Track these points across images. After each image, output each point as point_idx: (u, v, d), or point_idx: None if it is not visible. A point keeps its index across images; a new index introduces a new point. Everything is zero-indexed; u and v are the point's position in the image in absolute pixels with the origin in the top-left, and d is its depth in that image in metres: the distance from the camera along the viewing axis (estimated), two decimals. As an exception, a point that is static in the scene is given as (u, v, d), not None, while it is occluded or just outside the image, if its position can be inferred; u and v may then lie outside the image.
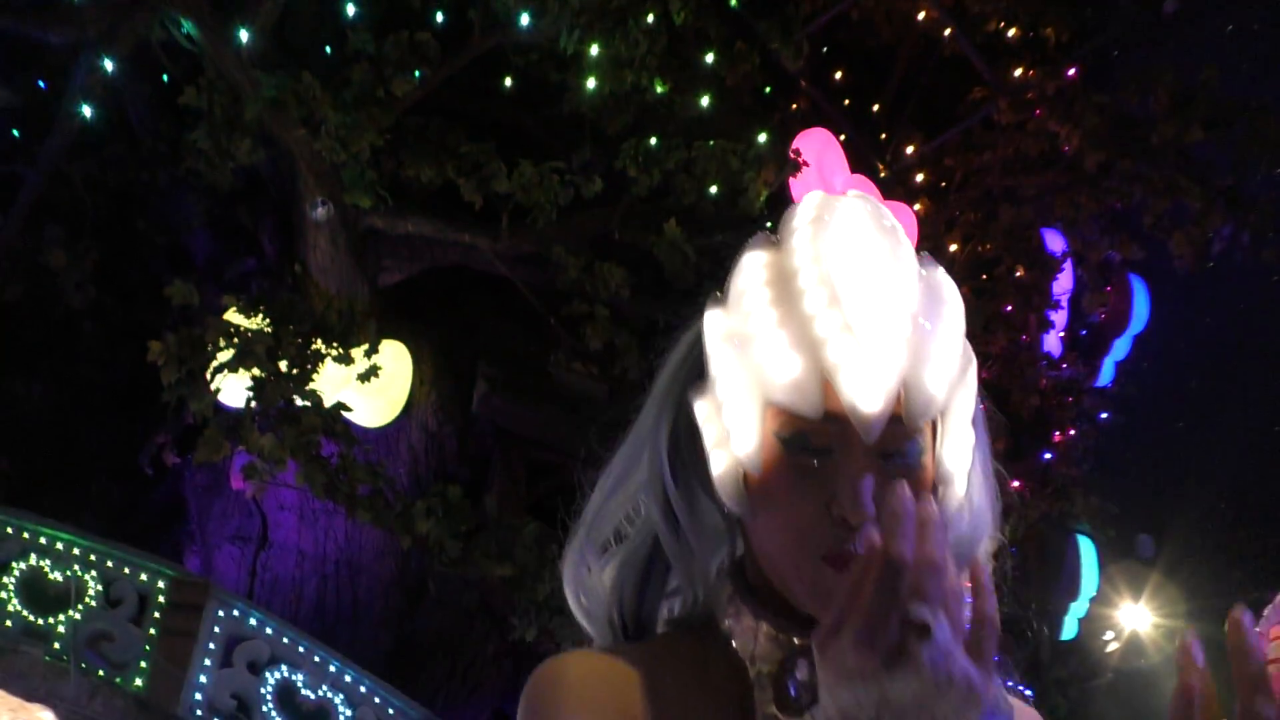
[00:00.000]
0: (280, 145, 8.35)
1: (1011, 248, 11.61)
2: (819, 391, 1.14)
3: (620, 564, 1.34)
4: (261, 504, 9.16)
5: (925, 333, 1.17)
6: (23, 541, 6.49)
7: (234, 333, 7.36)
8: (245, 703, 6.52)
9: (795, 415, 1.15)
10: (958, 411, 1.21)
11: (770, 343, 1.17)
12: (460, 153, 8.05)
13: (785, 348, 1.16)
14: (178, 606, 6.55)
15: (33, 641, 6.21)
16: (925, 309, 1.19)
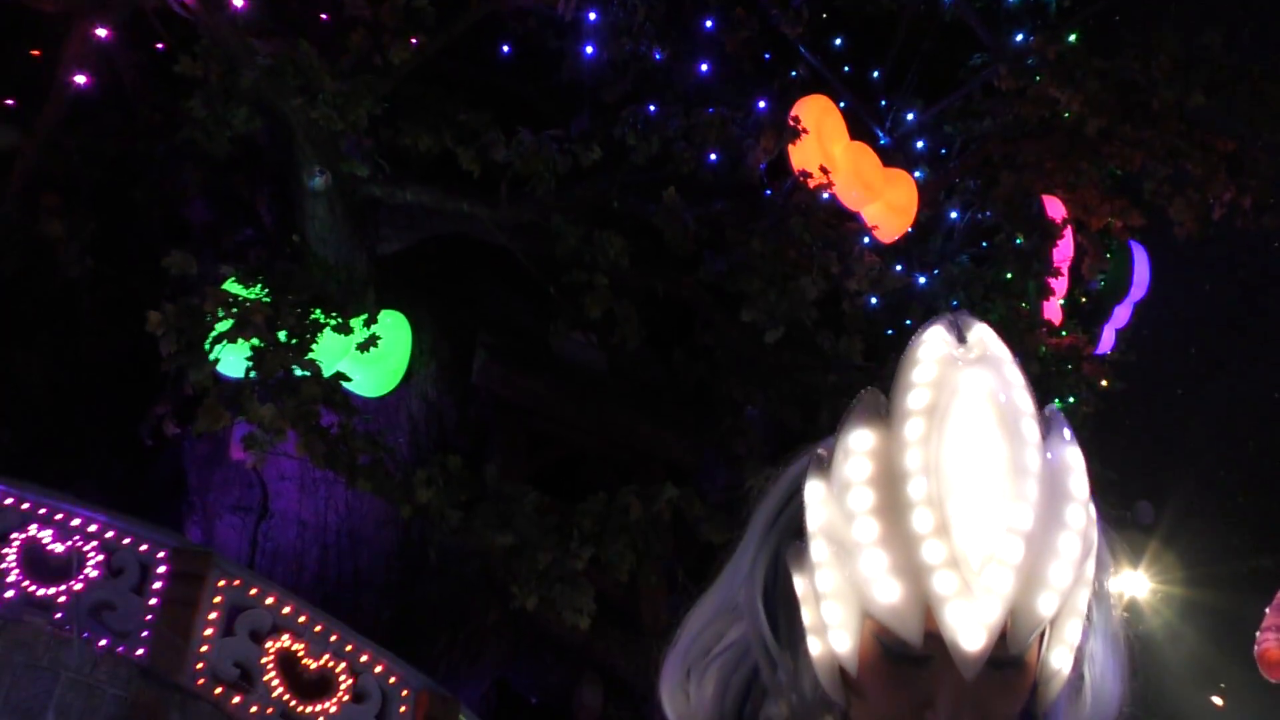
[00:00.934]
0: (277, 114, 8.31)
1: (1011, 215, 11.56)
2: (920, 619, 1.11)
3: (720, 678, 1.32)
4: (262, 474, 9.17)
5: (1040, 551, 1.11)
6: (23, 512, 6.51)
7: (232, 303, 7.34)
8: (248, 671, 6.55)
9: (894, 638, 1.13)
10: (1069, 612, 1.16)
11: (873, 562, 1.12)
12: (458, 121, 8.01)
13: (886, 571, 1.12)
14: (179, 576, 6.57)
15: (35, 611, 6.24)
16: (1044, 515, 1.12)
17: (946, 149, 11.96)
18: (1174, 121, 10.43)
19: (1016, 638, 1.11)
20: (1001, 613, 1.08)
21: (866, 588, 1.13)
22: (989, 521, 1.09)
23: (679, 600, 2.75)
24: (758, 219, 8.21)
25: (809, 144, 8.60)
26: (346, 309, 7.86)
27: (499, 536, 7.46)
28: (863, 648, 1.16)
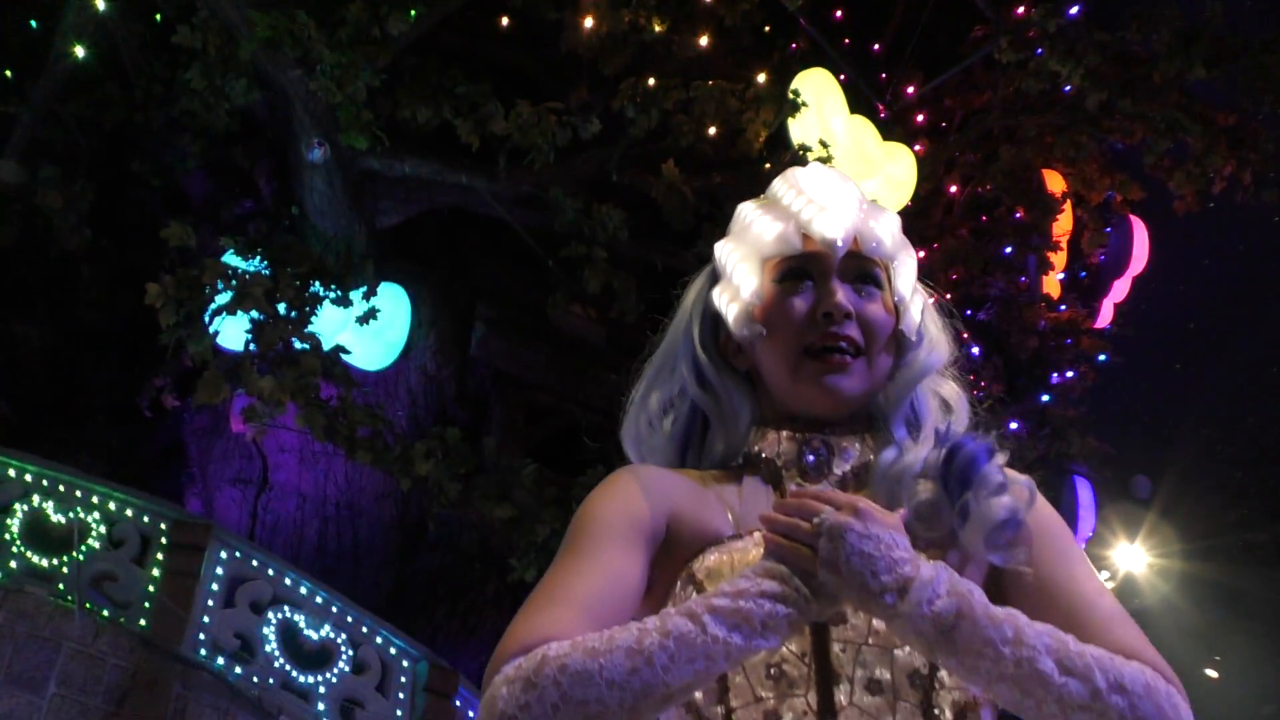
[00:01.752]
0: (275, 86, 8.28)
1: (1011, 189, 11.54)
2: (798, 236, 1.62)
3: (671, 424, 1.71)
4: (261, 446, 9.19)
5: (870, 211, 1.67)
6: (25, 483, 6.53)
7: (232, 275, 7.34)
8: (248, 642, 6.59)
9: (783, 259, 1.62)
10: (904, 268, 1.67)
11: (761, 222, 1.66)
12: (457, 93, 7.98)
13: (771, 220, 1.65)
14: (180, 547, 6.60)
15: (37, 582, 6.27)
16: (870, 206, 1.70)
17: (946, 123, 11.93)
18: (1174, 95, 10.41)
19: (865, 245, 1.62)
20: (851, 223, 1.62)
21: (758, 241, 1.65)
22: (834, 189, 1.67)
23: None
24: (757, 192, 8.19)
25: (808, 117, 8.58)
26: (345, 282, 7.86)
27: (498, 509, 7.49)
28: (765, 291, 1.61)
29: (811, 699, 1.37)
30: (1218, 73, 9.91)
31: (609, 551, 1.46)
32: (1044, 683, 1.29)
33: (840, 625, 1.40)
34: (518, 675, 1.30)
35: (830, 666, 1.39)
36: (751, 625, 1.30)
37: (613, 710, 1.27)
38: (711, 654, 1.29)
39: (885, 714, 1.36)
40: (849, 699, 1.37)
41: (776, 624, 1.31)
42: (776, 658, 1.39)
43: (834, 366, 1.55)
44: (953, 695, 1.38)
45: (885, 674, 1.38)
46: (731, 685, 1.40)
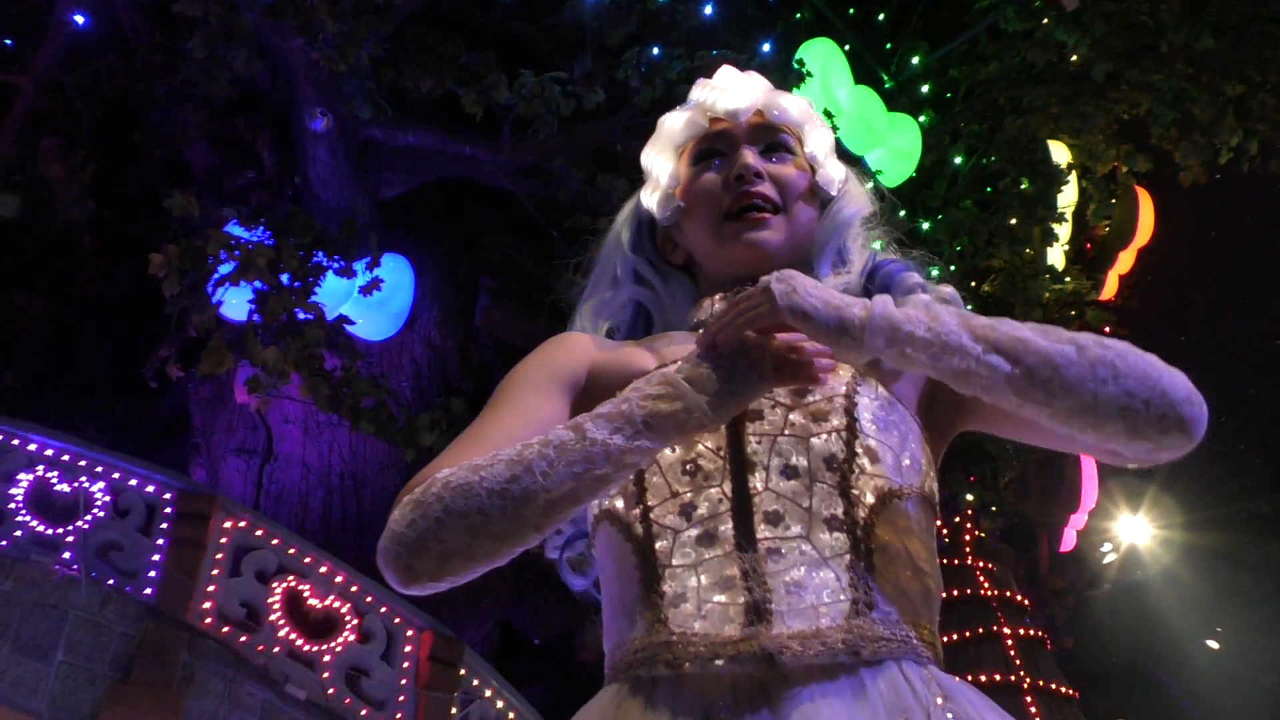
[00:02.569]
0: (277, 55, 8.24)
1: (1016, 160, 11.49)
2: (704, 118, 1.72)
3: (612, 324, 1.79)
4: (266, 417, 9.21)
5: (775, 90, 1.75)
6: (30, 454, 6.55)
7: (235, 245, 7.33)
8: (254, 611, 6.62)
9: (694, 141, 1.72)
10: (814, 134, 1.74)
11: (673, 118, 1.76)
12: (460, 63, 7.94)
13: (681, 112, 1.76)
14: (186, 516, 6.62)
15: (44, 551, 6.29)
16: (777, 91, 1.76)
17: (951, 93, 11.87)
18: (1181, 65, 10.35)
19: (769, 113, 1.70)
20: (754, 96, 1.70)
21: (671, 133, 1.75)
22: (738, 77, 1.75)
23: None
24: (761, 163, 8.16)
25: (813, 87, 8.54)
26: (349, 252, 7.85)
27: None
28: (683, 176, 1.72)
29: (727, 488, 1.38)
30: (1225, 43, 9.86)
31: (525, 399, 1.50)
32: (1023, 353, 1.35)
33: (756, 421, 1.42)
34: (410, 499, 1.36)
35: (745, 457, 1.40)
36: (633, 425, 1.33)
37: (494, 517, 1.30)
38: (590, 456, 1.31)
39: (802, 496, 1.37)
40: (764, 484, 1.38)
41: (660, 423, 1.33)
42: (692, 454, 1.41)
43: (753, 223, 1.61)
44: (874, 481, 1.39)
45: (802, 460, 1.38)
46: (649, 485, 1.42)
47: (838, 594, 1.31)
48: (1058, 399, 1.33)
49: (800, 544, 1.33)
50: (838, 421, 1.40)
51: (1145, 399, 1.35)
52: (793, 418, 1.41)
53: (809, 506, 1.36)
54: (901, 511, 1.39)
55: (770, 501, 1.36)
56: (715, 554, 1.35)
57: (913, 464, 1.43)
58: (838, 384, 1.43)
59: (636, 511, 1.41)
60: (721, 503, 1.38)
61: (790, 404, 1.42)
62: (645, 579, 1.37)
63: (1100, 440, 1.37)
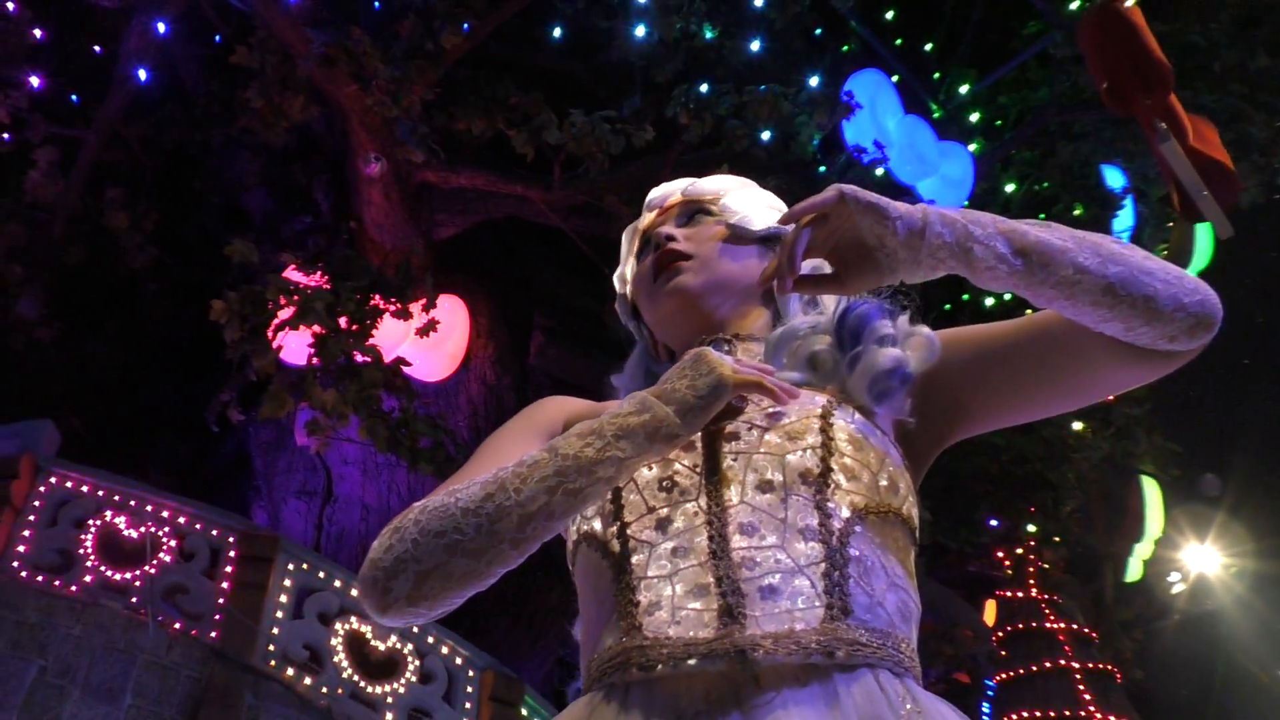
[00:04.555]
0: (332, 102, 8.39)
1: (1069, 185, 11.39)
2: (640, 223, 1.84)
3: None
4: (325, 459, 9.30)
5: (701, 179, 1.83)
6: (98, 499, 6.67)
7: (294, 290, 7.44)
8: (317, 652, 6.67)
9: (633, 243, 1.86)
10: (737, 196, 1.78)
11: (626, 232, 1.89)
12: (510, 104, 8.04)
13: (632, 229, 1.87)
14: (249, 559, 6.69)
15: (112, 595, 6.39)
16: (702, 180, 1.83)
17: (1002, 120, 11.81)
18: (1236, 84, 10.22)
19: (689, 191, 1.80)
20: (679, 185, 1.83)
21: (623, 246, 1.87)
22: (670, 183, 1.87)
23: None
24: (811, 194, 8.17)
25: (863, 119, 8.55)
26: (405, 294, 7.94)
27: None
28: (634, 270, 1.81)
29: (702, 502, 1.39)
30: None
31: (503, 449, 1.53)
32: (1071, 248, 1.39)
33: (732, 441, 1.43)
34: (388, 528, 1.39)
35: (721, 473, 1.41)
36: (603, 438, 1.36)
37: (469, 534, 1.32)
38: (562, 470, 1.34)
39: (777, 508, 1.36)
40: (740, 497, 1.38)
41: (629, 433, 1.36)
42: (669, 471, 1.42)
43: (670, 272, 1.67)
44: (850, 497, 1.37)
45: (777, 475, 1.39)
46: (626, 503, 1.43)
47: (813, 600, 1.29)
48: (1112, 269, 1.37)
49: (775, 553, 1.33)
50: (813, 440, 1.41)
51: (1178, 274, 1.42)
52: (769, 438, 1.42)
53: (784, 518, 1.35)
54: (877, 528, 1.38)
55: (745, 514, 1.36)
56: (690, 564, 1.34)
57: (890, 486, 1.42)
58: (813, 406, 1.44)
59: (614, 529, 1.42)
60: (697, 516, 1.38)
61: (766, 426, 1.43)
62: (620, 591, 1.37)
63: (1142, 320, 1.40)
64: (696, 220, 1.75)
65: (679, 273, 1.66)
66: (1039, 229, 1.38)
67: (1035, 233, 1.37)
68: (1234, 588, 14.65)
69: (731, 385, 1.40)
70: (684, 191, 1.80)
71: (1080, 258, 1.36)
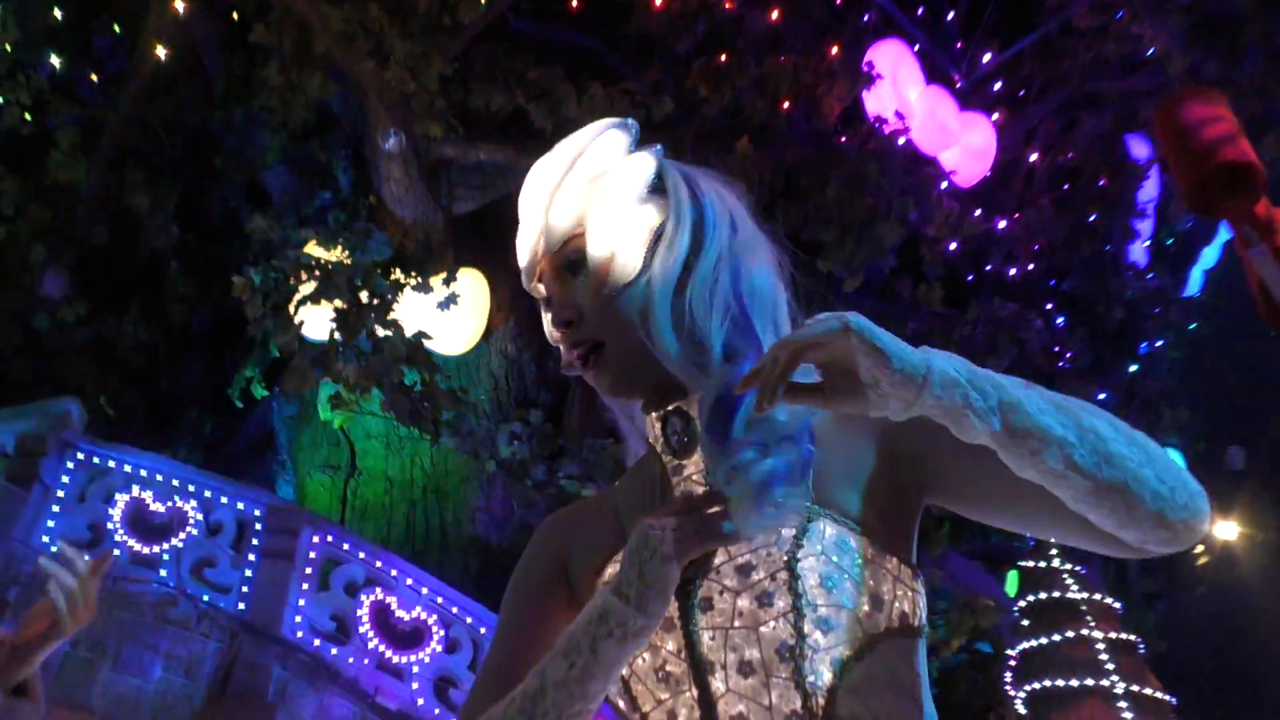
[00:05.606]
0: (350, 78, 8.39)
1: (1094, 156, 11.30)
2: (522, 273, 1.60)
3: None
4: (348, 433, 9.35)
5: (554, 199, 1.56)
6: (126, 474, 6.73)
7: (314, 265, 7.47)
8: (343, 623, 6.73)
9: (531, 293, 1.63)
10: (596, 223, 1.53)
11: None
12: (528, 78, 8.02)
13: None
14: (274, 532, 6.75)
15: (141, 569, 6.46)
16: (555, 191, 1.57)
17: (1025, 91, 11.70)
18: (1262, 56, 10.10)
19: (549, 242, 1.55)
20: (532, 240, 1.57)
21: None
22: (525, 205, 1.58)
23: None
24: (833, 167, 8.14)
25: (884, 89, 8.49)
26: (425, 268, 7.95)
27: (582, 488, 7.55)
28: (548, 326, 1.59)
29: (694, 692, 1.41)
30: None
31: (522, 624, 1.56)
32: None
33: (708, 613, 1.41)
34: None
35: (702, 657, 1.41)
36: (581, 654, 1.39)
37: None
38: (558, 700, 1.40)
39: (761, 693, 1.38)
40: (725, 685, 1.40)
41: (602, 645, 1.39)
42: (660, 660, 1.44)
43: (588, 373, 1.53)
44: (831, 654, 1.38)
45: (754, 653, 1.39)
46: (636, 694, 1.47)
47: None
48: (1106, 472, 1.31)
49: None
50: (783, 604, 1.38)
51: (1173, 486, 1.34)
52: (740, 604, 1.40)
53: (769, 704, 1.38)
54: (865, 671, 1.39)
55: (734, 703, 1.39)
56: None
57: (874, 605, 1.40)
58: (778, 552, 1.39)
59: (636, 717, 1.48)
60: (694, 709, 1.41)
61: (737, 587, 1.41)
62: None
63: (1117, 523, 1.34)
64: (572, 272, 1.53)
65: (595, 377, 1.53)
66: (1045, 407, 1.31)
67: (1038, 415, 1.30)
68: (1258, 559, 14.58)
69: (680, 563, 1.37)
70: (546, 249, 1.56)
71: (1076, 454, 1.30)
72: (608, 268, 1.50)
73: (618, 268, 1.50)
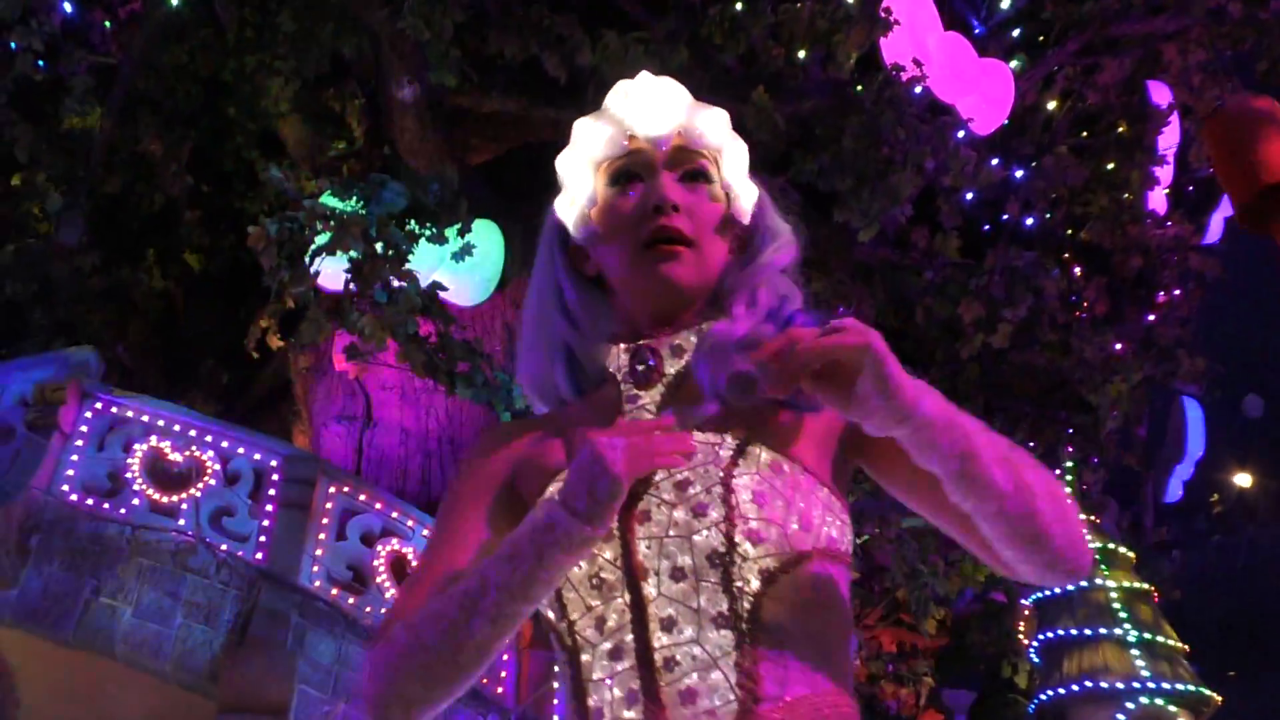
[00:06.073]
0: (364, 26, 8.33)
1: (1114, 102, 11.15)
2: (624, 137, 1.66)
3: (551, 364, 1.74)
4: (364, 384, 9.39)
5: (695, 108, 1.68)
6: (144, 424, 6.79)
7: (329, 216, 7.46)
8: (360, 573, 6.80)
9: (612, 160, 1.68)
10: (732, 157, 1.70)
11: (588, 128, 1.70)
12: (543, 26, 7.95)
13: (596, 125, 1.69)
14: (292, 482, 6.81)
15: (160, 518, 6.53)
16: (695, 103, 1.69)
17: (1044, 36, 11.53)
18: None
19: (689, 136, 1.66)
20: (675, 117, 1.66)
21: (589, 147, 1.69)
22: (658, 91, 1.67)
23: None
24: (849, 116, 8.05)
25: (901, 36, 8.37)
26: (440, 219, 7.93)
27: (596, 440, 7.57)
28: (600, 194, 1.69)
29: (627, 598, 1.47)
30: (1336, -29, 9.42)
31: (460, 530, 1.62)
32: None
33: (645, 524, 1.48)
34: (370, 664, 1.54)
35: (638, 564, 1.48)
36: (525, 559, 1.44)
37: (437, 670, 1.48)
38: (499, 601, 1.45)
39: (690, 596, 1.44)
40: (658, 590, 1.46)
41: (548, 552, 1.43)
42: (596, 567, 1.50)
43: (666, 255, 1.60)
44: (759, 564, 1.44)
45: (687, 560, 1.45)
46: (567, 601, 1.52)
47: (726, 695, 1.41)
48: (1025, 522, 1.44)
49: (692, 648, 1.43)
50: (716, 514, 1.45)
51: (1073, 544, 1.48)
52: (676, 515, 1.47)
53: (697, 606, 1.44)
54: (791, 585, 1.46)
55: (664, 606, 1.45)
56: (623, 667, 1.46)
57: (803, 526, 1.47)
58: (715, 468, 1.48)
59: (564, 625, 1.53)
60: (625, 613, 1.47)
61: (674, 500, 1.48)
62: (576, 692, 1.51)
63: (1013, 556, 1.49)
64: (696, 183, 1.66)
65: (675, 259, 1.60)
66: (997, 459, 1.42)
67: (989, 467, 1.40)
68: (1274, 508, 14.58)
69: (628, 481, 1.42)
70: (685, 133, 1.67)
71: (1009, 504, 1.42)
72: (728, 200, 1.68)
73: (736, 207, 1.69)
